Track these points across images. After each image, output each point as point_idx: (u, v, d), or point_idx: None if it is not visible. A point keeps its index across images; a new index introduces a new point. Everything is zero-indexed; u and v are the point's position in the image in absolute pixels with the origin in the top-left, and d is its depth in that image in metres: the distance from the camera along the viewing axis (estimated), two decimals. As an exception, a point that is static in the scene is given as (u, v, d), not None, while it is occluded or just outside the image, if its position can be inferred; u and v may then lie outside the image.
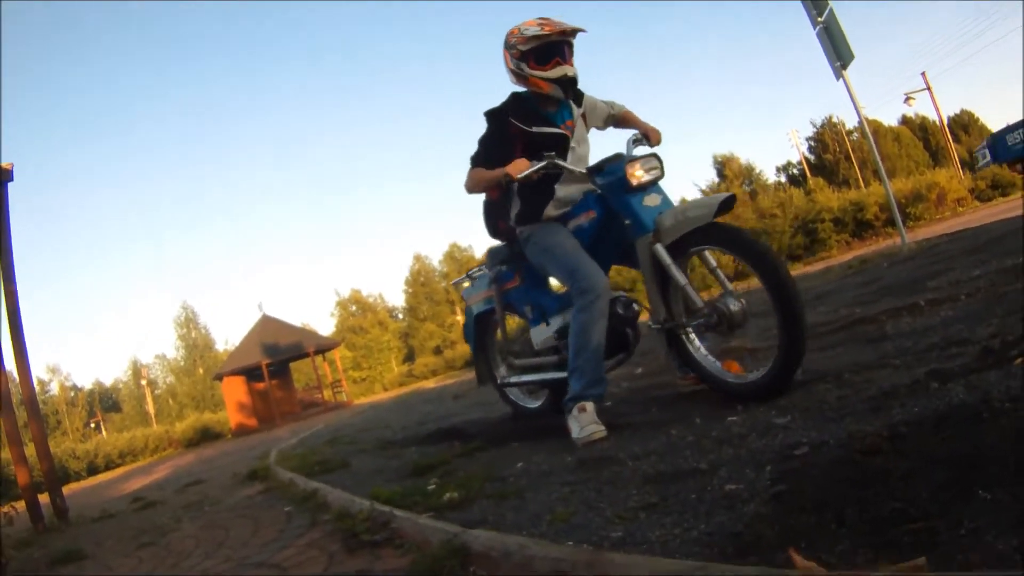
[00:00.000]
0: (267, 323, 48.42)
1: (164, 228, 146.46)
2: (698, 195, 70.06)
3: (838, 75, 13.31)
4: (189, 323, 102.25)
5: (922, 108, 75.58)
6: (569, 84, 5.29)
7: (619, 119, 5.99)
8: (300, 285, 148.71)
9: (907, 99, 60.04)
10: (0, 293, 10.85)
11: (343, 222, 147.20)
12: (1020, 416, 2.51)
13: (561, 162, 5.19)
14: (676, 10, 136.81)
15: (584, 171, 5.27)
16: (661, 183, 5.13)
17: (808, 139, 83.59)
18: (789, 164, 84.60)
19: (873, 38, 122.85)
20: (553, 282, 6.01)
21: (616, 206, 5.07)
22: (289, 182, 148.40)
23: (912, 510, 2.09)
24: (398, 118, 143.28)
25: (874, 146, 14.65)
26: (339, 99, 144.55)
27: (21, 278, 11.18)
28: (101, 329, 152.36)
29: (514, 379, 6.43)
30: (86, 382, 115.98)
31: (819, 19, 13.32)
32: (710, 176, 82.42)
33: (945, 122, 68.71)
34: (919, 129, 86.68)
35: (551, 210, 5.48)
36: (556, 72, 5.23)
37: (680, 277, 4.73)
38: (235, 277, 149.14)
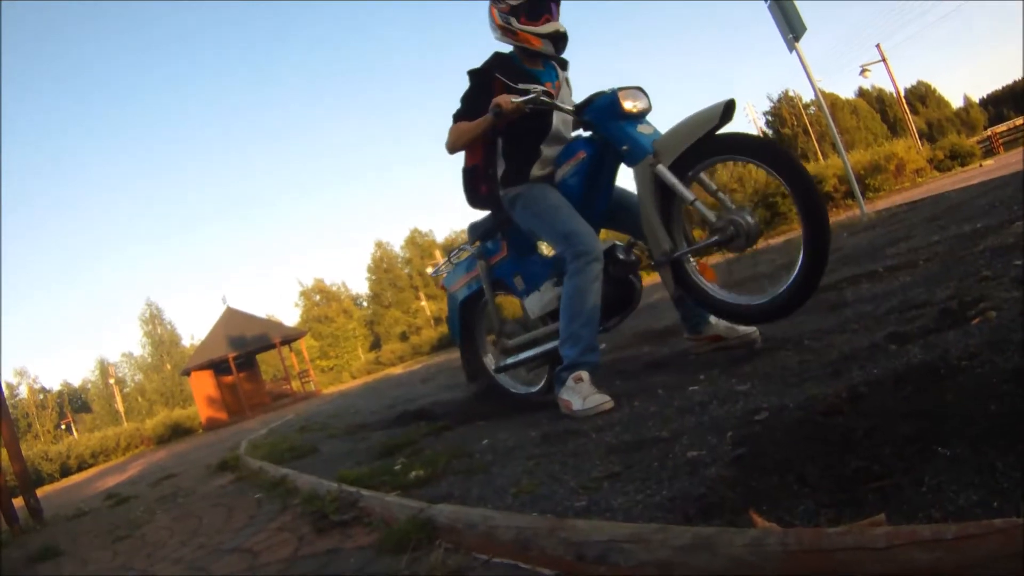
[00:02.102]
0: (232, 316, 48.48)
1: (125, 225, 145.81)
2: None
3: (791, 48, 13.36)
4: (154, 319, 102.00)
5: (878, 80, 75.95)
6: (560, 40, 5.16)
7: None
8: (263, 276, 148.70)
9: (863, 71, 60.21)
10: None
11: (303, 212, 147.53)
12: (978, 373, 2.53)
13: (548, 99, 4.93)
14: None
15: (572, 108, 5.05)
16: (649, 117, 4.91)
17: (765, 113, 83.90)
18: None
19: (826, 9, 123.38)
20: (543, 246, 5.81)
21: (609, 134, 4.85)
22: (247, 175, 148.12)
23: (874, 468, 2.10)
24: (355, 108, 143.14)
25: (830, 119, 14.72)
26: (296, 90, 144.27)
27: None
28: (67, 330, 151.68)
29: (511, 360, 5.92)
30: (55, 384, 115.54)
31: (771, -9, 13.35)
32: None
33: (902, 93, 68.99)
34: (876, 101, 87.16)
35: (537, 170, 5.24)
36: (548, 27, 5.09)
37: (688, 194, 4.50)
38: (198, 271, 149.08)
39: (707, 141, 4.43)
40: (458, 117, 5.29)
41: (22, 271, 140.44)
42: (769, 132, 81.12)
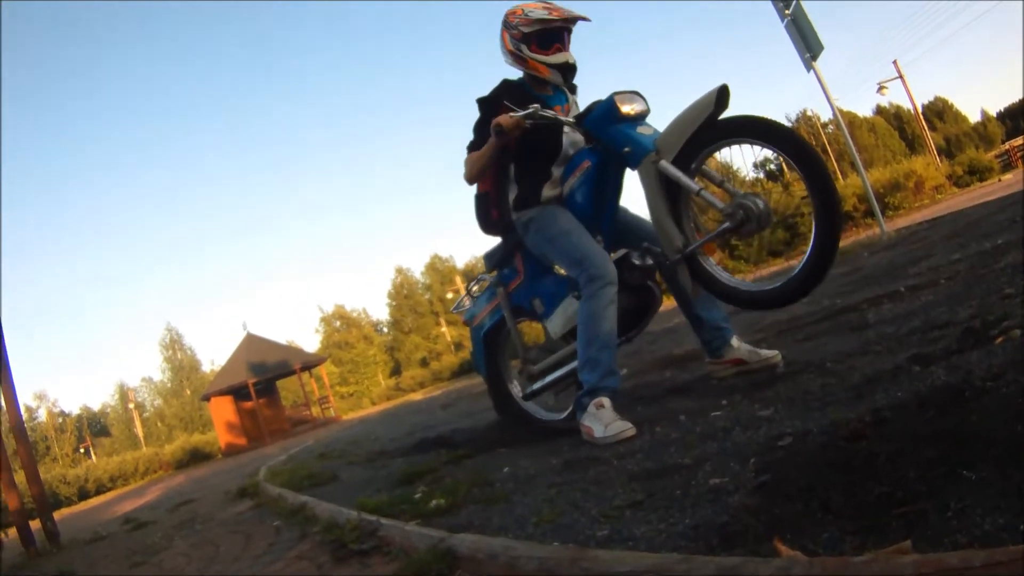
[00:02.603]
0: (252, 342, 48.54)
1: (146, 250, 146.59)
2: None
3: (808, 67, 13.35)
4: (174, 345, 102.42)
5: (896, 97, 75.89)
6: (569, 71, 5.22)
7: None
8: (284, 303, 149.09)
9: (880, 88, 60.28)
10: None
11: (324, 238, 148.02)
12: (1002, 393, 2.51)
13: (546, 112, 4.95)
14: (644, 9, 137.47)
15: (572, 120, 5.05)
16: (648, 119, 4.90)
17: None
18: (767, 160, 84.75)
19: (842, 28, 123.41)
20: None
21: (610, 138, 4.83)
22: (268, 201, 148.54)
23: (899, 493, 2.08)
24: (376, 134, 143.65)
25: (848, 137, 14.72)
26: (318, 117, 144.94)
27: (4, 305, 11.18)
28: (87, 354, 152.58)
29: (537, 386, 5.78)
30: (74, 407, 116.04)
31: (787, 12, 13.34)
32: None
33: (919, 110, 68.96)
34: (894, 118, 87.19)
35: (549, 190, 5.21)
36: (558, 58, 5.14)
37: (694, 185, 4.50)
38: (218, 297, 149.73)
39: (706, 130, 4.43)
40: (471, 147, 5.33)
41: (43, 295, 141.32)
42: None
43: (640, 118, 4.82)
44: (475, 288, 6.47)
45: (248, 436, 45.36)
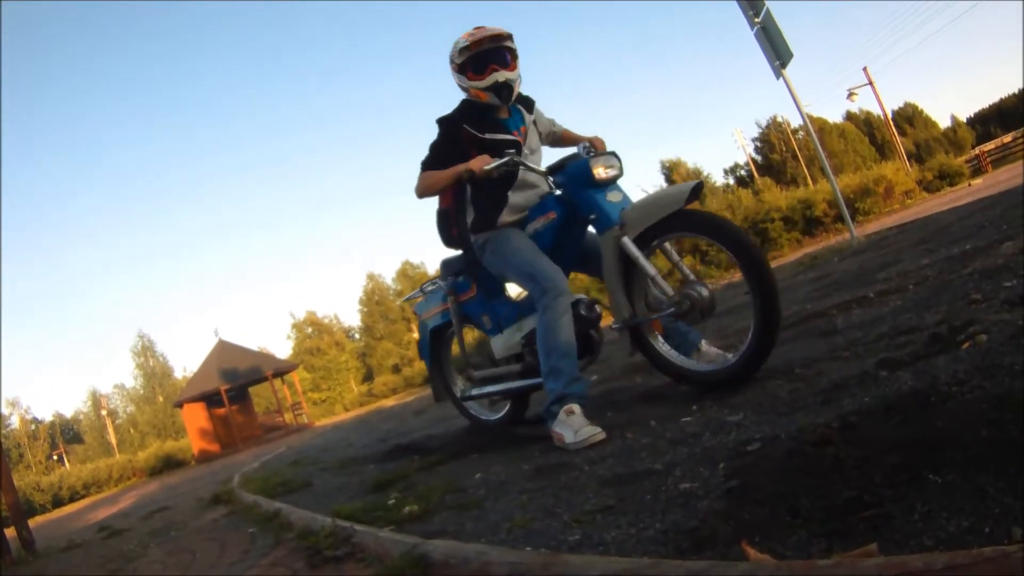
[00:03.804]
0: (224, 348, 48.34)
1: (118, 256, 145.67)
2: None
3: (778, 74, 13.43)
4: (146, 352, 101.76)
5: (865, 103, 76.06)
6: (503, 88, 5.33)
7: (559, 137, 6.04)
8: (255, 309, 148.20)
9: (850, 95, 60.51)
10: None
11: (295, 244, 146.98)
12: (967, 399, 2.56)
13: (522, 160, 5.22)
14: (612, 13, 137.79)
15: (544, 170, 5.29)
16: (620, 182, 5.11)
17: (754, 139, 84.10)
18: (736, 166, 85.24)
19: (811, 36, 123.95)
20: (511, 290, 5.94)
21: (580, 201, 5.04)
22: (239, 207, 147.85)
23: (866, 497, 2.12)
24: (344, 138, 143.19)
25: (818, 144, 14.81)
26: (289, 122, 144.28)
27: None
28: (59, 361, 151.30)
29: (475, 392, 6.31)
30: (47, 414, 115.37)
31: (756, 19, 13.42)
32: (658, 181, 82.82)
33: (889, 116, 69.18)
34: (864, 124, 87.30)
35: (506, 216, 5.43)
36: (491, 79, 5.29)
37: (649, 268, 4.68)
38: (190, 304, 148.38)
39: (675, 216, 4.63)
40: (427, 165, 5.53)
41: (14, 301, 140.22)
42: (758, 158, 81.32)
43: (612, 182, 5.02)
44: (430, 288, 6.85)
45: (221, 443, 45.13)
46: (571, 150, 5.49)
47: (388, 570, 3.03)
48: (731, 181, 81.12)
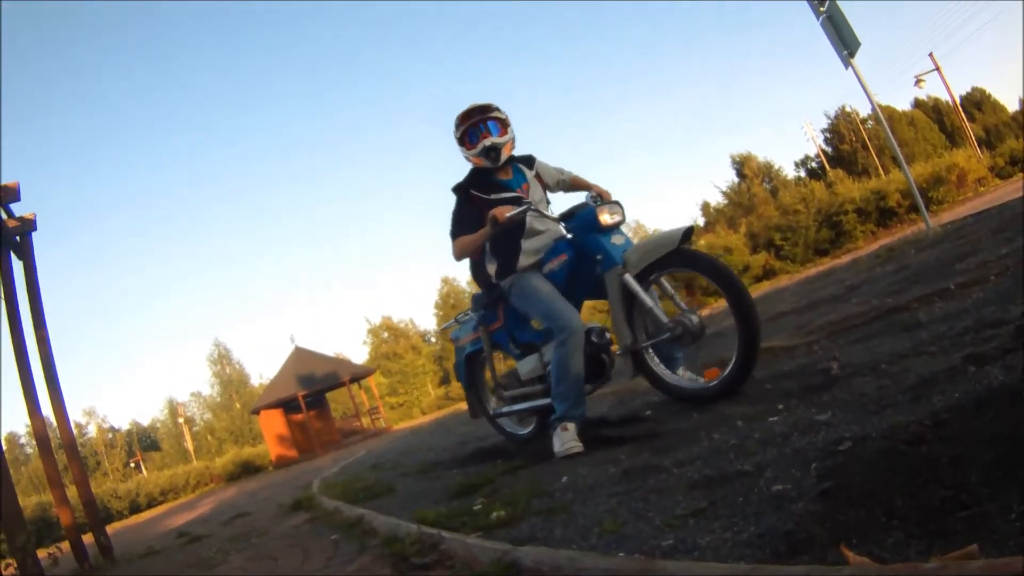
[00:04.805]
0: (300, 355, 48.60)
1: (192, 267, 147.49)
2: (719, 197, 70.75)
3: (846, 64, 13.33)
4: (222, 359, 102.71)
5: (933, 89, 74.83)
6: (491, 151, 6.12)
7: (569, 184, 6.76)
8: (331, 315, 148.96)
9: (917, 82, 59.86)
10: (32, 341, 10.95)
11: (370, 250, 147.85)
12: (1061, 393, 2.52)
13: (537, 209, 5.97)
14: (681, 11, 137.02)
15: (556, 216, 6.04)
16: (623, 227, 5.85)
17: (823, 131, 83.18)
18: (807, 158, 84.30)
19: (876, 23, 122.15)
20: (534, 321, 6.50)
21: (587, 245, 5.78)
22: (314, 214, 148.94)
23: (962, 496, 2.09)
24: (422, 145, 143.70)
25: (889, 132, 14.59)
26: (363, 127, 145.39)
27: (52, 323, 11.30)
28: (136, 371, 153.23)
29: (505, 409, 7.11)
30: (123, 423, 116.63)
31: (822, 9, 13.33)
32: (730, 176, 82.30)
33: (958, 101, 68.25)
34: (932, 111, 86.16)
35: (523, 260, 6.15)
36: (481, 146, 6.12)
37: (647, 300, 5.43)
38: (266, 311, 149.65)
39: (670, 255, 5.35)
40: (455, 234, 6.30)
41: (93, 311, 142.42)
42: (828, 149, 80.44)
43: (616, 227, 5.77)
44: (463, 319, 7.73)
45: (299, 448, 45.36)
46: (582, 195, 6.25)
47: None
48: (802, 174, 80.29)
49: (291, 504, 9.68)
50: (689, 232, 5.42)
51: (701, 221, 72.27)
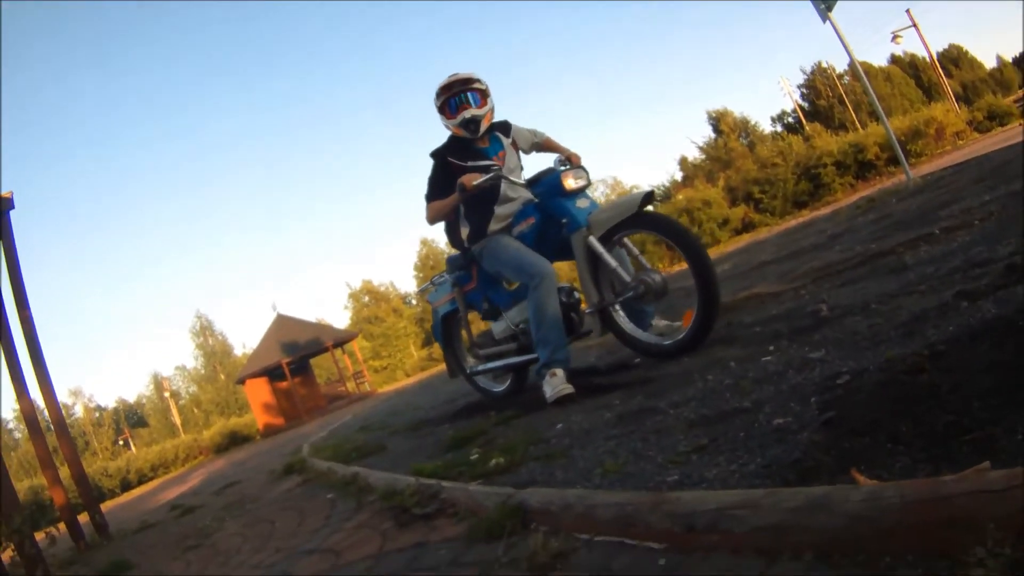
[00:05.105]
0: (283, 322, 48.55)
1: (171, 240, 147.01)
2: (696, 153, 70.89)
3: (824, 17, 13.26)
4: (205, 331, 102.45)
5: (910, 45, 74.91)
6: (471, 123, 6.33)
7: (542, 145, 6.98)
8: (311, 282, 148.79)
9: (894, 37, 59.88)
10: (16, 321, 10.91)
11: (347, 215, 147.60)
12: (1057, 321, 2.54)
13: (504, 175, 6.16)
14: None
15: (524, 183, 6.25)
16: (588, 191, 6.07)
17: (800, 86, 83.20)
18: (784, 113, 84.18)
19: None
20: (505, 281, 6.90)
21: (553, 208, 5.98)
22: (289, 180, 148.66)
23: (966, 421, 2.11)
24: (395, 110, 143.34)
25: (868, 86, 14.55)
26: (334, 95, 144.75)
27: (33, 304, 11.25)
28: (118, 348, 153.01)
29: (481, 368, 7.36)
30: (109, 401, 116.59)
31: (800, -39, 13.28)
32: (706, 132, 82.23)
33: (935, 57, 68.30)
34: (909, 67, 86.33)
35: (494, 225, 6.38)
36: (461, 117, 6.32)
37: (611, 261, 5.58)
38: (246, 281, 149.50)
39: (632, 217, 5.54)
40: (429, 198, 6.59)
41: (72, 290, 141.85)
42: (804, 105, 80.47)
43: (581, 191, 5.98)
44: (439, 281, 7.92)
45: (285, 416, 45.31)
46: (554, 156, 6.51)
47: (484, 523, 3.00)
48: (779, 128, 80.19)
49: (282, 469, 9.68)
50: (649, 196, 5.62)
51: (679, 176, 72.25)
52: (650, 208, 5.80)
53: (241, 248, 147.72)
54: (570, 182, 5.83)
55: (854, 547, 1.67)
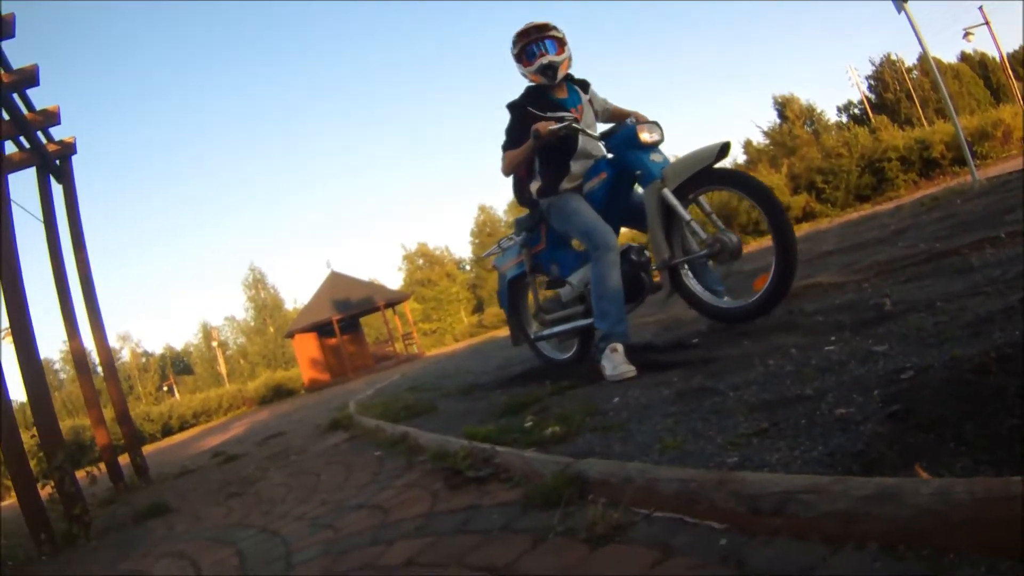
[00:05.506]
0: (336, 279, 48.87)
1: (229, 193, 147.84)
2: (761, 137, 70.41)
3: (899, 8, 13.16)
4: (257, 284, 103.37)
5: (981, 44, 73.92)
6: (548, 69, 6.30)
7: (611, 114, 6.89)
8: (367, 241, 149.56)
9: (966, 35, 59.06)
10: (72, 263, 11.04)
11: (408, 177, 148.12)
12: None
13: (578, 125, 6.11)
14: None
15: (598, 136, 6.23)
16: (661, 147, 6.00)
17: (867, 78, 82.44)
18: (850, 103, 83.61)
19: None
20: (574, 241, 6.77)
21: (627, 161, 5.95)
22: (352, 140, 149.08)
23: (1031, 426, 2.10)
24: (453, 75, 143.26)
25: (940, 81, 14.42)
26: (397, 58, 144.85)
27: (89, 249, 11.39)
28: (170, 296, 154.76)
29: (546, 332, 7.28)
30: (157, 347, 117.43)
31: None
32: (771, 117, 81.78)
33: (1005, 57, 67.35)
34: (978, 66, 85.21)
35: (567, 183, 6.38)
36: (538, 64, 6.30)
37: (685, 214, 5.59)
38: (303, 237, 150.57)
39: (704, 173, 5.53)
40: (506, 148, 6.56)
41: (128, 237, 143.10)
42: (871, 96, 79.70)
43: (655, 146, 5.95)
44: (506, 244, 7.91)
45: (331, 372, 45.67)
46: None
47: (540, 489, 3.00)
48: (844, 119, 79.54)
49: (328, 424, 9.74)
50: (726, 147, 5.52)
51: (743, 159, 71.85)
52: (725, 164, 5.80)
53: (299, 204, 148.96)
54: (645, 135, 5.81)
55: (920, 540, 1.67)
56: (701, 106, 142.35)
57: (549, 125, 5.95)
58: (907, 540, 1.70)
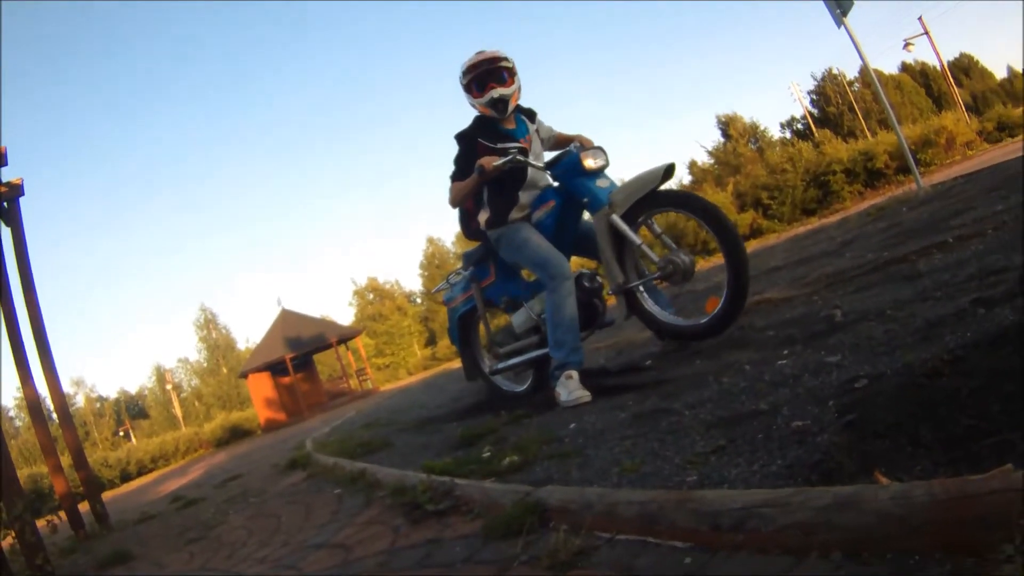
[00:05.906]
0: (287, 317, 48.67)
1: (178, 233, 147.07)
2: (705, 157, 70.94)
3: (839, 22, 13.29)
4: (209, 324, 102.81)
5: (921, 54, 75.04)
6: (499, 102, 6.19)
7: (557, 141, 6.83)
8: (317, 276, 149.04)
9: (906, 45, 59.76)
10: (23, 308, 10.92)
11: (355, 212, 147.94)
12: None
13: (522, 158, 6.02)
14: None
15: (543, 166, 6.17)
16: (606, 172, 5.98)
17: (809, 92, 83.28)
18: (793, 119, 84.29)
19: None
20: (524, 271, 6.80)
21: (573, 189, 5.91)
22: (295, 178, 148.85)
23: (985, 425, 2.11)
24: (398, 108, 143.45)
25: (881, 92, 14.55)
26: (341, 92, 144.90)
27: (39, 292, 11.26)
28: (122, 339, 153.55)
29: (501, 365, 7.05)
30: (111, 392, 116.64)
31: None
32: (715, 136, 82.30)
33: (946, 66, 68.26)
34: (920, 75, 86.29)
35: (516, 213, 6.28)
36: (489, 96, 6.17)
37: (636, 239, 5.60)
38: (251, 275, 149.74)
39: (651, 196, 5.57)
40: (454, 178, 6.42)
41: (77, 279, 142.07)
42: (814, 111, 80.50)
43: (600, 171, 5.92)
44: (455, 279, 7.81)
45: (287, 411, 45.46)
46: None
47: (500, 520, 2.99)
48: (788, 135, 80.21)
49: (286, 464, 9.70)
50: (670, 169, 5.59)
51: (688, 179, 72.28)
52: (670, 185, 5.85)
53: (247, 242, 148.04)
54: (589, 162, 5.78)
55: (883, 545, 1.69)
56: (646, 128, 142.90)
57: (494, 160, 5.94)
58: (870, 546, 1.71)
